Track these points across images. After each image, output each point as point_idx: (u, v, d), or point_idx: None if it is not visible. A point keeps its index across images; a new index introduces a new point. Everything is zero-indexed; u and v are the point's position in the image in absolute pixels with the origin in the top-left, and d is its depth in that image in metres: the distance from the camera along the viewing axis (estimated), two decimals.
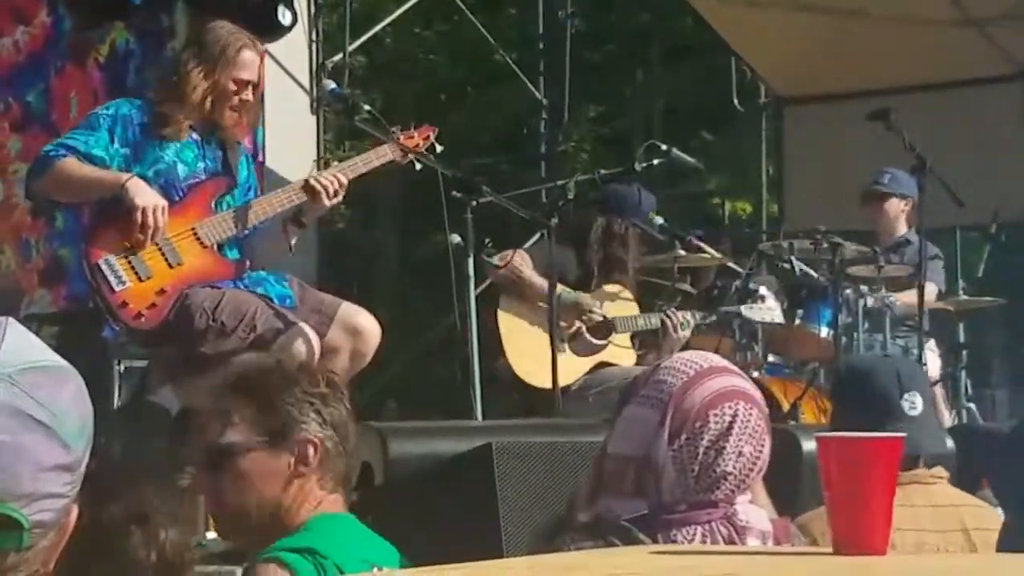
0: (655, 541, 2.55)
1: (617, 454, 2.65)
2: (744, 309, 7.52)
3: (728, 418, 2.63)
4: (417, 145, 5.69)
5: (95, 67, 8.69)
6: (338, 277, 9.98)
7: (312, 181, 5.42)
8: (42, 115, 8.42)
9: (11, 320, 1.69)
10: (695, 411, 2.62)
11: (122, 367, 6.60)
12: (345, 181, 5.47)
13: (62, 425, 1.65)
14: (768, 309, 7.53)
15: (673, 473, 2.60)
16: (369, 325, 5.40)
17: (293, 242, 5.57)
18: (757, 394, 2.72)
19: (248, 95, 5.44)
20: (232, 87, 5.41)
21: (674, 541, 2.55)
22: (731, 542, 2.55)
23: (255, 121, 5.67)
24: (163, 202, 5.19)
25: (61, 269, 8.11)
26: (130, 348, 5.98)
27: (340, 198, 5.47)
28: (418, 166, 5.70)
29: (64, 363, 1.69)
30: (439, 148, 5.74)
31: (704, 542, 2.56)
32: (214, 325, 5.19)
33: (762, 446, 2.65)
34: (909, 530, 3.59)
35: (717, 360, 2.73)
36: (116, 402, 6.16)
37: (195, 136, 5.44)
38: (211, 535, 5.13)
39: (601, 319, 7.03)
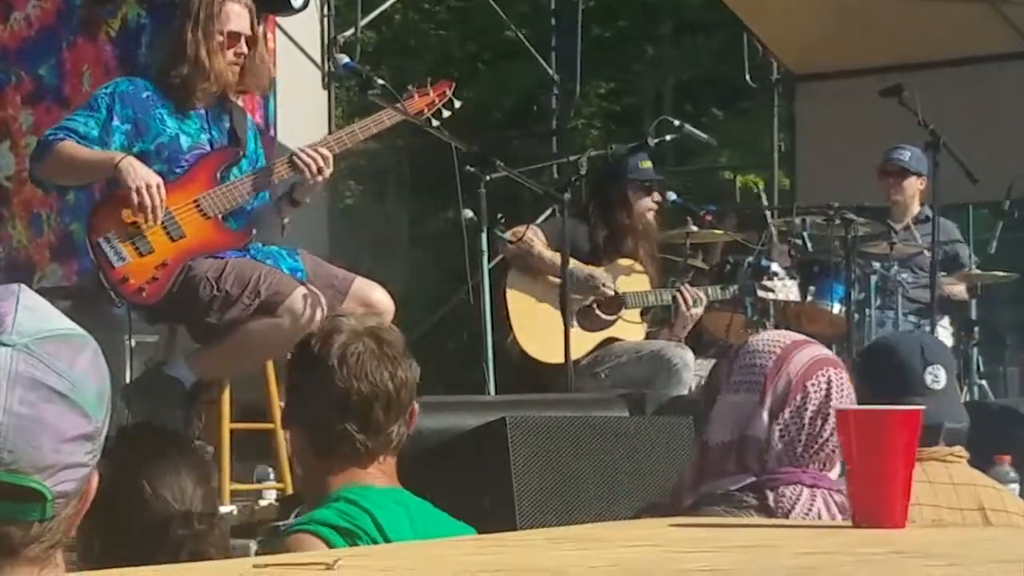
0: (763, 502, 2.65)
1: (719, 442, 2.74)
2: (760, 290, 7.47)
3: (824, 385, 2.73)
4: (432, 103, 5.63)
5: (107, 41, 8.68)
6: (350, 252, 9.96)
7: (295, 157, 5.38)
8: (53, 89, 8.40)
9: (23, 287, 1.68)
10: (793, 385, 2.72)
11: (133, 342, 6.62)
12: (328, 155, 5.38)
13: (81, 394, 1.64)
14: (784, 287, 7.49)
15: (780, 447, 2.70)
16: (383, 300, 5.38)
17: (286, 221, 5.51)
18: (837, 359, 2.83)
19: (243, 48, 5.39)
20: (220, 39, 5.35)
21: (782, 498, 2.65)
22: (844, 512, 2.61)
23: (263, 81, 5.55)
24: (157, 180, 5.15)
25: (72, 244, 8.10)
26: (141, 322, 5.99)
27: (325, 173, 5.38)
28: (435, 123, 5.64)
29: (80, 330, 1.68)
30: (457, 103, 5.68)
31: (812, 502, 2.65)
32: (219, 294, 5.17)
33: (852, 403, 2.76)
34: (928, 506, 3.59)
35: (794, 335, 2.85)
36: (128, 376, 6.18)
37: (201, 110, 5.42)
38: (225, 508, 5.15)
39: (612, 294, 7.01)
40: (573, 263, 6.52)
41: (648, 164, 7.20)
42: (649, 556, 1.99)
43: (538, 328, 6.77)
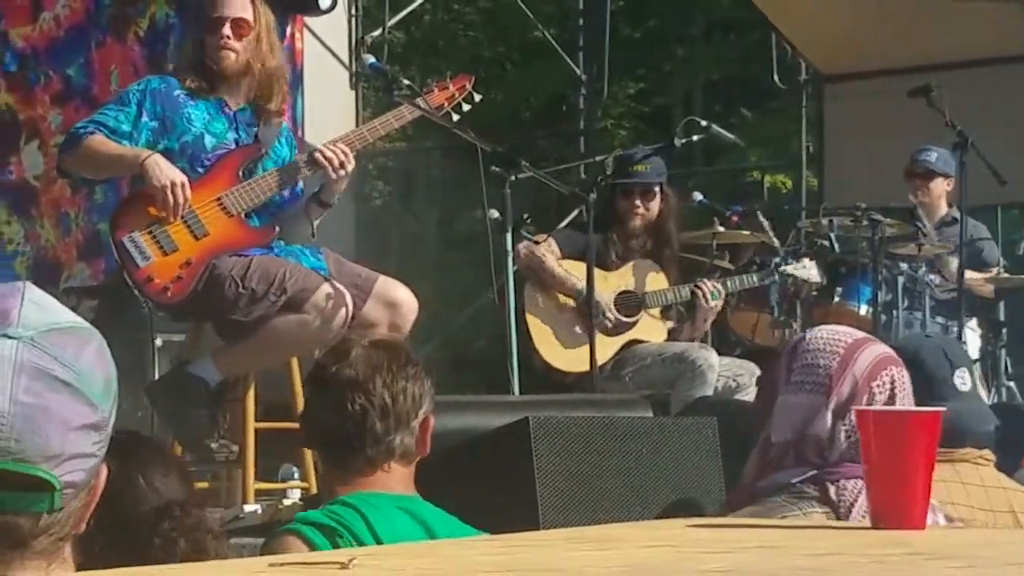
0: (823, 494, 2.68)
1: (780, 441, 2.77)
2: (778, 273, 7.40)
3: (888, 385, 2.77)
4: (452, 96, 5.64)
5: (135, 41, 8.72)
6: (376, 252, 9.97)
7: (316, 154, 5.39)
8: (82, 88, 8.44)
9: (28, 284, 1.69)
10: (859, 386, 2.76)
11: (159, 340, 6.63)
12: (349, 150, 5.40)
13: (87, 385, 1.65)
14: (803, 267, 7.42)
15: (844, 445, 2.73)
16: (406, 298, 5.39)
17: (316, 223, 5.53)
18: (896, 355, 2.86)
19: (242, 31, 5.39)
20: (216, 24, 5.36)
21: (843, 491, 2.68)
22: None
23: (269, 63, 5.51)
24: (182, 178, 5.18)
25: (99, 243, 8.13)
26: (167, 321, 6.00)
27: (348, 168, 5.39)
28: (455, 117, 5.65)
29: (85, 323, 1.69)
30: (478, 97, 5.69)
31: None
32: (244, 292, 5.19)
33: (912, 402, 2.80)
34: (963, 505, 3.57)
35: (853, 332, 2.87)
36: (155, 375, 6.19)
37: (228, 110, 5.43)
38: (249, 507, 5.15)
39: (611, 326, 6.96)
40: (581, 275, 6.48)
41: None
42: (666, 557, 1.99)
43: (559, 340, 6.79)
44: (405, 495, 3.08)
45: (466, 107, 5.66)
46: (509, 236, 5.88)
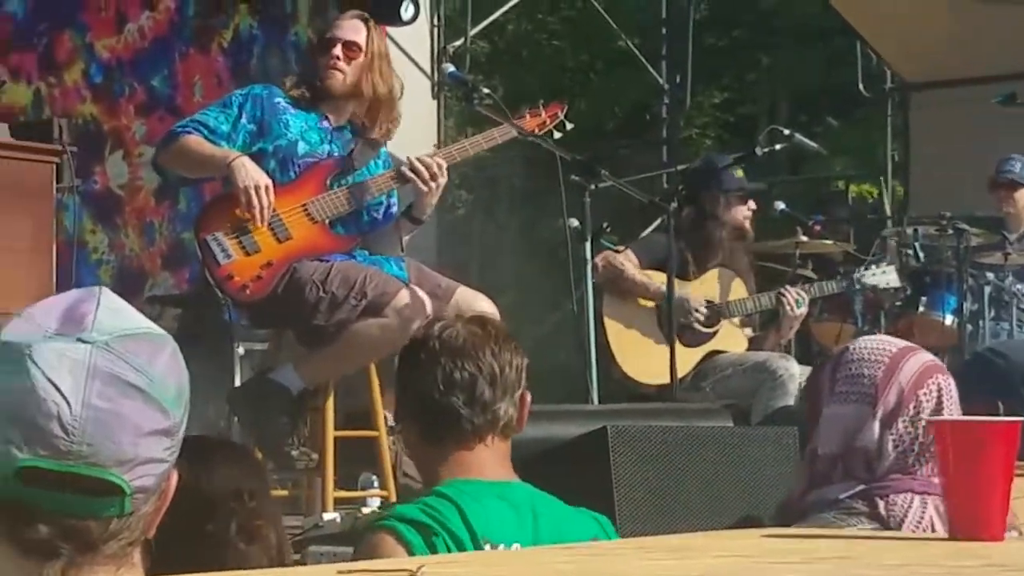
0: (872, 509, 2.65)
1: (827, 454, 2.74)
2: (856, 282, 7.31)
3: (935, 393, 2.73)
4: (544, 123, 5.66)
5: (219, 52, 8.79)
6: (457, 261, 9.98)
7: (404, 168, 5.42)
8: (166, 99, 8.51)
9: (104, 289, 1.71)
10: (905, 395, 2.72)
11: (242, 349, 6.67)
12: (443, 163, 5.42)
13: (159, 390, 1.66)
14: (882, 273, 7.31)
15: (892, 455, 2.70)
16: (487, 308, 5.38)
17: (406, 239, 5.56)
18: (942, 363, 2.84)
19: (352, 54, 5.45)
20: (327, 44, 5.46)
21: (893, 507, 2.65)
22: None
23: (380, 89, 5.56)
24: (267, 181, 5.22)
25: (183, 252, 8.20)
26: (249, 330, 6.04)
27: (440, 181, 5.41)
28: (548, 142, 5.67)
29: (159, 330, 1.71)
30: (569, 125, 5.71)
31: (923, 510, 2.65)
32: (325, 296, 5.22)
33: (959, 409, 2.77)
34: None
35: (896, 340, 2.84)
36: (237, 383, 6.23)
37: (327, 124, 5.48)
38: (328, 515, 5.16)
39: (703, 319, 6.92)
40: (661, 282, 6.46)
41: (741, 173, 7.09)
42: (739, 567, 1.97)
43: (639, 351, 6.75)
44: (503, 481, 3.02)
45: (557, 134, 5.69)
46: (588, 245, 5.87)
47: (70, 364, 1.62)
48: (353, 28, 5.51)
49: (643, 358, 6.71)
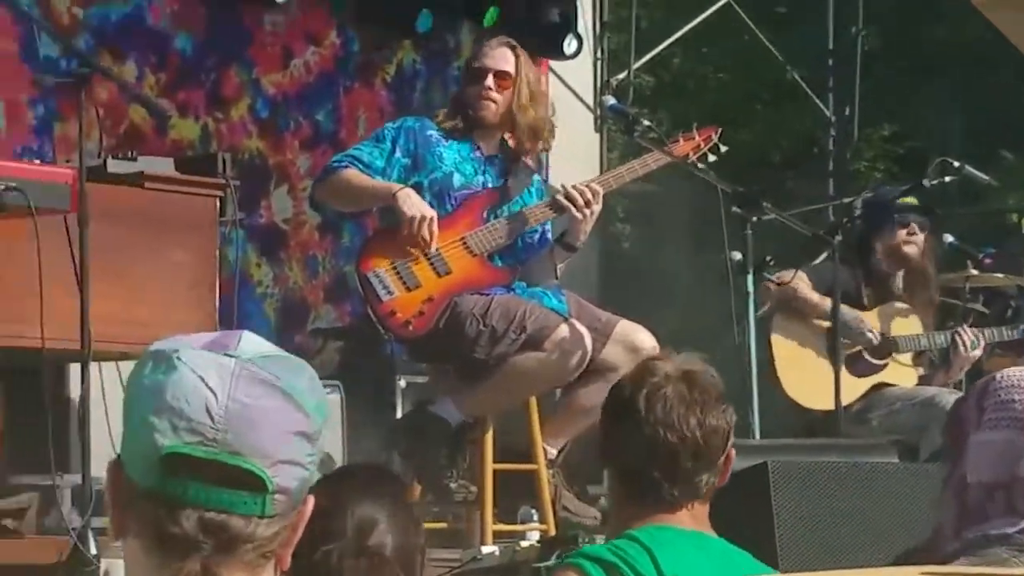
0: None
1: (979, 482, 2.68)
2: None
3: None
4: (698, 147, 5.62)
5: (382, 86, 8.85)
6: (620, 294, 9.94)
7: (559, 196, 5.41)
8: (330, 133, 8.58)
9: (246, 332, 1.75)
10: None
11: (403, 382, 6.70)
12: (599, 190, 5.39)
13: (301, 397, 1.69)
14: None
15: None
16: (647, 342, 5.35)
17: (560, 267, 5.56)
18: None
19: (503, 83, 5.44)
20: (478, 75, 5.47)
21: None
22: None
23: (535, 124, 5.56)
24: (432, 213, 5.25)
25: (345, 286, 8.25)
26: (410, 363, 6.06)
27: (594, 208, 5.38)
28: (702, 165, 5.63)
29: (298, 359, 1.74)
30: (723, 148, 5.66)
31: None
32: (485, 329, 5.24)
33: None
34: None
35: None
36: (399, 415, 6.26)
37: (480, 154, 5.49)
38: (487, 549, 5.14)
39: (877, 342, 6.80)
40: (842, 307, 6.37)
41: (908, 199, 6.96)
42: None
43: (805, 374, 6.64)
44: (697, 531, 2.99)
45: (712, 157, 5.64)
46: (750, 278, 5.80)
47: (217, 367, 1.67)
48: (503, 57, 5.51)
49: (808, 381, 6.59)
